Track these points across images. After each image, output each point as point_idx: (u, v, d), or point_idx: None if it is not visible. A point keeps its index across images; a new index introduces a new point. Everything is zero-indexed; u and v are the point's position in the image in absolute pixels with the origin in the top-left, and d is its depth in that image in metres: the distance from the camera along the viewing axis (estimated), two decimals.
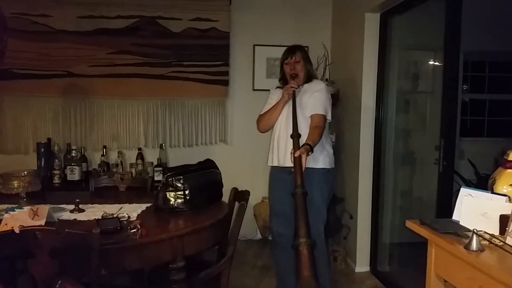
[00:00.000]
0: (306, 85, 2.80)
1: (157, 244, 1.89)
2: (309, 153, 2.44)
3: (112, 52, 3.89)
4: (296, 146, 2.42)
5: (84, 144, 3.91)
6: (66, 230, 1.63)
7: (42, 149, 3.68)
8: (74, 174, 3.62)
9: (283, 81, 2.89)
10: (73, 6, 3.82)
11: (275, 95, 2.86)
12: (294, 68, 2.80)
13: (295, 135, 2.49)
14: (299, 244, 1.94)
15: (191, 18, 3.95)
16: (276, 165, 2.80)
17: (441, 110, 2.74)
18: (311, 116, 2.68)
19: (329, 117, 2.75)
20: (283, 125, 2.76)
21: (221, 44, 4.01)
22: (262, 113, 2.89)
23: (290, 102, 2.70)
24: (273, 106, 2.81)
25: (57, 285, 1.40)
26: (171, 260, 1.93)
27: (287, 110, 2.74)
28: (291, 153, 2.42)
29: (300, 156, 2.35)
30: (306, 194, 2.18)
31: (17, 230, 1.59)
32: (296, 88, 2.70)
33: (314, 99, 2.71)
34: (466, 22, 2.64)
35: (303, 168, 2.32)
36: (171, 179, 2.25)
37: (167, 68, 3.96)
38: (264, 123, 2.86)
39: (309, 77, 2.84)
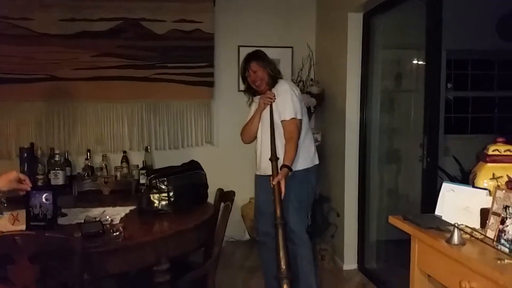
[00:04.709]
0: (273, 90, 2.71)
1: (140, 247, 1.87)
2: (289, 173, 2.46)
3: (96, 55, 3.84)
4: (274, 171, 2.43)
5: (67, 148, 3.86)
6: (46, 234, 1.61)
7: (25, 154, 3.61)
8: (58, 178, 3.57)
9: (250, 90, 2.83)
10: (55, 9, 3.76)
11: (254, 105, 2.84)
12: (255, 79, 2.72)
13: (273, 159, 2.47)
14: (280, 278, 2.02)
15: (175, 20, 3.93)
16: (259, 174, 2.82)
17: (424, 108, 2.76)
18: (282, 124, 2.62)
19: (299, 116, 2.63)
20: (263, 134, 2.73)
21: (206, 46, 3.99)
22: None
23: (267, 110, 2.68)
24: (251, 117, 2.81)
25: None
26: (155, 263, 1.91)
27: (265, 119, 2.69)
28: (269, 180, 2.43)
29: (279, 183, 2.36)
30: (286, 225, 2.24)
31: None
32: (273, 101, 2.65)
33: (280, 105, 2.63)
34: (449, 21, 2.66)
35: (282, 195, 2.34)
36: (154, 181, 2.23)
37: (152, 70, 3.93)
38: (246, 134, 2.86)
39: (273, 79, 2.73)
